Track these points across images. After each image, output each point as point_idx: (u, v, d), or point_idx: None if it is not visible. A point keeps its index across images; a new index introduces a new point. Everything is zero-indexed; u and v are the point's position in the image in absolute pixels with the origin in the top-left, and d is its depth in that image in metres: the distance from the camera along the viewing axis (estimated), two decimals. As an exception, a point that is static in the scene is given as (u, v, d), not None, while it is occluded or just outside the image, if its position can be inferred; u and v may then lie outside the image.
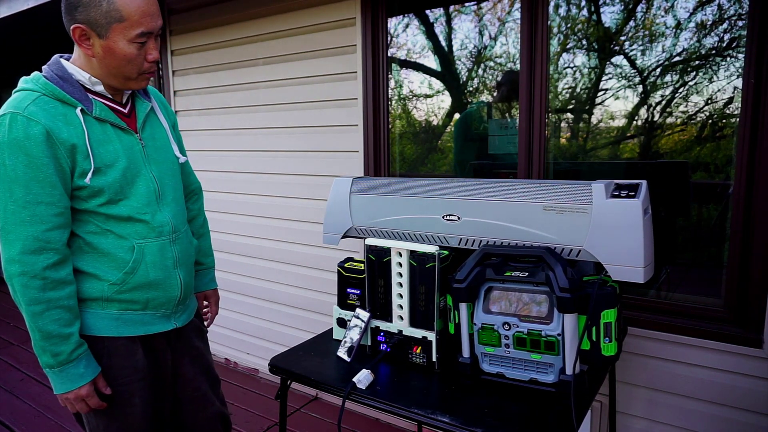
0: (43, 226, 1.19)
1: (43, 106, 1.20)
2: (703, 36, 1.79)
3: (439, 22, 2.38)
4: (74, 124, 1.22)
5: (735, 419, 1.77)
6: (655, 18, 1.86)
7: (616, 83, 1.96)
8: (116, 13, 1.18)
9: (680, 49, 1.83)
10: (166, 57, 3.30)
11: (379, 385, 1.39)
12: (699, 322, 1.82)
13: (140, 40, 1.22)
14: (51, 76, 1.25)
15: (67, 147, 1.20)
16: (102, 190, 1.25)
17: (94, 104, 1.26)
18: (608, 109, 2.00)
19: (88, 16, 1.18)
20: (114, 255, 1.29)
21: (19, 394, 3.03)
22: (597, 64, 2.00)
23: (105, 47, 1.21)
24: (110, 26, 1.19)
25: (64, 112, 1.22)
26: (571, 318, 1.23)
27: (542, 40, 1.98)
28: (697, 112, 1.84)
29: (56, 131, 1.19)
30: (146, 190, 1.32)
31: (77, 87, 1.25)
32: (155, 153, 1.37)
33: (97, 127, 1.26)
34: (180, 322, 1.45)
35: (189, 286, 1.45)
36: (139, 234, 1.31)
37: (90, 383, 1.24)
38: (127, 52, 1.22)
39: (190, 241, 1.46)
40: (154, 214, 1.33)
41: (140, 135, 1.34)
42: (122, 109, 1.33)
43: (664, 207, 1.90)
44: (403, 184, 1.66)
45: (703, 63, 1.80)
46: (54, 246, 1.20)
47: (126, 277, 1.30)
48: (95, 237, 1.28)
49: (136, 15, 1.19)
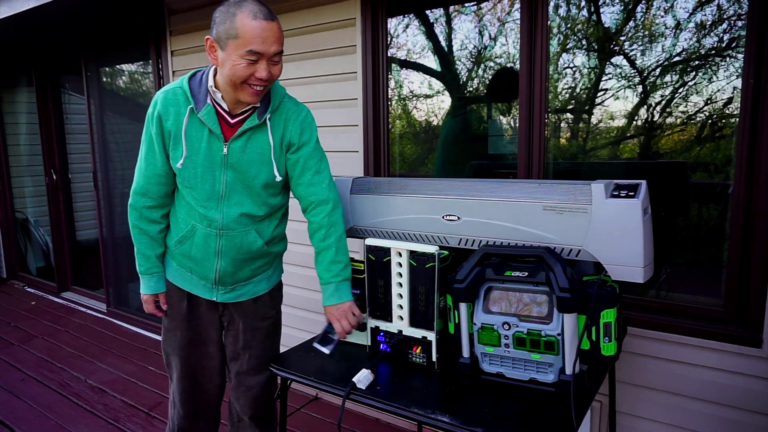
0: (147, 179, 1.60)
1: (170, 96, 1.53)
2: (702, 36, 1.79)
3: (439, 23, 2.38)
4: (180, 117, 1.52)
5: (735, 419, 1.77)
6: (655, 18, 1.86)
7: (615, 83, 1.96)
8: (233, 31, 1.39)
9: (680, 49, 1.83)
10: (166, 57, 3.30)
11: (379, 385, 1.39)
12: (699, 322, 1.82)
13: (249, 57, 1.40)
14: (196, 76, 1.56)
15: (167, 131, 1.54)
16: (179, 172, 1.56)
17: (205, 107, 1.51)
18: (608, 109, 2.00)
19: (216, 31, 1.43)
20: (180, 222, 1.63)
21: (19, 394, 3.03)
22: (597, 64, 2.00)
23: (223, 58, 1.43)
24: (228, 41, 1.41)
25: (180, 105, 1.52)
26: (570, 318, 1.23)
27: (542, 41, 1.99)
28: (696, 112, 1.84)
29: (165, 117, 1.53)
30: (211, 188, 1.56)
31: (204, 91, 1.52)
32: (238, 162, 1.55)
33: (196, 124, 1.53)
34: (222, 299, 1.69)
35: (230, 274, 1.66)
36: (196, 218, 1.60)
37: (152, 295, 1.68)
38: (235, 64, 1.41)
39: (246, 241, 1.62)
40: (210, 209, 1.57)
41: (228, 144, 1.54)
42: (230, 119, 1.55)
43: (664, 207, 1.90)
44: (403, 184, 1.66)
45: (702, 63, 1.80)
46: (152, 195, 1.61)
47: (179, 242, 1.64)
48: (179, 204, 1.64)
49: (248, 35, 1.38)
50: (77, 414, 2.81)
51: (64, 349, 3.70)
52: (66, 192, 4.84)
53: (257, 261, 1.68)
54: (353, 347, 1.67)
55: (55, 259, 4.91)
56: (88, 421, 2.74)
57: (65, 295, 4.90)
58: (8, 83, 5.30)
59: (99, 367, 3.40)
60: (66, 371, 3.34)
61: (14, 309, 4.63)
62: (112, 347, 3.72)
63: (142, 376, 3.25)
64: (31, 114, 5.01)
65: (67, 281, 4.96)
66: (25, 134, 5.38)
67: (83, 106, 4.21)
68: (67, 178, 4.84)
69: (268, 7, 1.43)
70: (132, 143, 4.02)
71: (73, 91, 4.83)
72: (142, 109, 3.88)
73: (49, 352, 3.66)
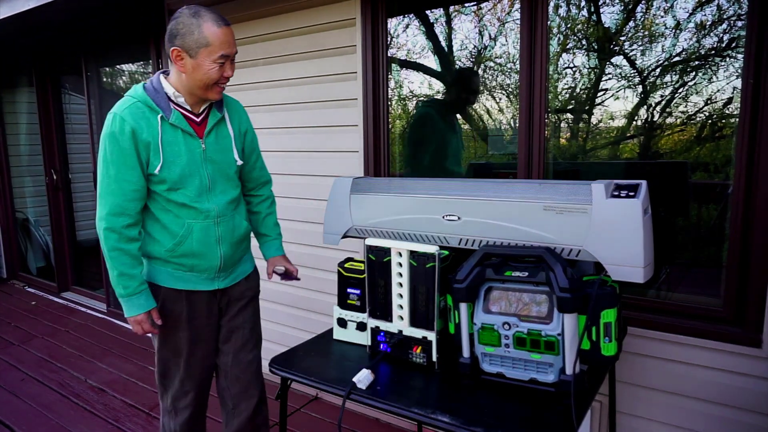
0: (124, 198, 1.59)
1: (134, 110, 1.58)
2: (702, 36, 1.79)
3: (439, 23, 2.38)
4: (153, 127, 1.59)
5: (734, 419, 1.77)
6: (655, 18, 1.86)
7: (615, 83, 1.96)
8: (204, 40, 1.54)
9: (680, 49, 1.83)
10: (166, 57, 3.30)
11: (379, 385, 1.39)
12: (699, 322, 1.82)
13: (220, 61, 1.58)
14: (148, 87, 1.64)
15: (145, 143, 1.58)
16: (165, 179, 1.61)
17: (172, 113, 1.62)
18: (608, 110, 2.01)
19: (183, 42, 1.55)
20: (170, 228, 1.67)
21: (19, 394, 3.04)
22: (597, 64, 2.01)
23: (194, 65, 1.57)
24: (199, 50, 1.55)
25: (148, 116, 1.59)
26: (571, 318, 1.23)
27: (542, 41, 1.99)
28: (696, 112, 1.84)
29: (138, 131, 1.57)
30: (199, 183, 1.67)
31: (164, 98, 1.62)
32: (214, 155, 1.71)
33: (170, 130, 1.62)
34: (223, 285, 1.80)
35: (230, 257, 1.78)
36: (190, 216, 1.67)
37: (146, 313, 1.65)
38: (209, 69, 1.57)
39: (236, 224, 1.78)
40: (203, 203, 1.68)
41: (204, 140, 1.68)
42: (195, 118, 1.68)
43: (664, 207, 1.91)
44: (403, 184, 1.66)
45: (702, 63, 1.80)
46: (129, 213, 1.61)
47: (175, 246, 1.68)
48: (159, 212, 1.66)
49: (217, 42, 1.55)
50: (77, 414, 2.81)
51: (64, 349, 3.70)
52: (66, 192, 4.84)
53: (244, 242, 1.86)
54: (353, 347, 1.67)
55: (55, 259, 4.91)
56: (88, 421, 2.74)
57: (65, 295, 4.90)
58: (8, 83, 5.30)
59: (99, 367, 3.40)
60: (66, 371, 3.34)
61: (14, 309, 4.63)
62: (112, 347, 3.72)
63: (142, 376, 3.25)
64: (32, 114, 5.01)
65: (68, 281, 4.96)
66: (26, 134, 5.38)
67: (83, 106, 4.22)
68: (67, 178, 4.84)
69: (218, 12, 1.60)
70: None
71: (73, 91, 4.83)
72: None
73: (49, 352, 3.66)
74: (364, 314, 1.66)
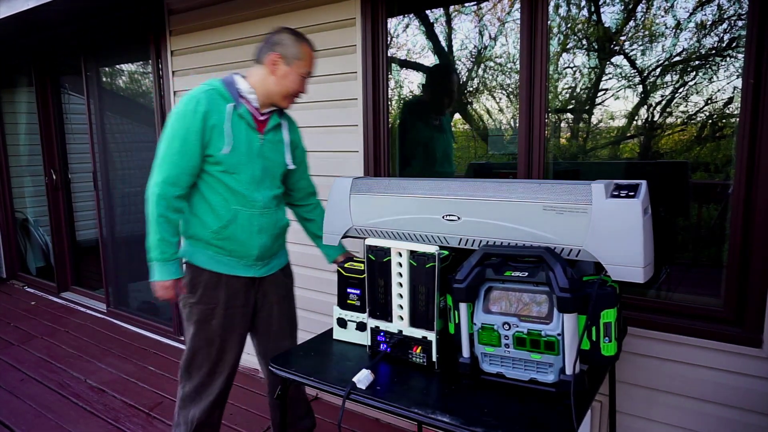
0: (180, 170, 1.74)
1: (210, 96, 1.76)
2: (702, 36, 1.79)
3: (439, 23, 2.38)
4: (222, 113, 1.76)
5: (735, 419, 1.77)
6: (655, 18, 1.86)
7: (616, 83, 1.96)
8: (301, 55, 1.82)
9: (680, 49, 1.83)
10: (166, 57, 3.30)
11: (379, 385, 1.39)
12: (699, 322, 1.82)
13: (304, 76, 1.85)
14: (224, 80, 1.82)
15: (211, 126, 1.74)
16: (222, 161, 1.76)
17: (241, 105, 1.80)
18: (608, 109, 2.00)
19: (284, 51, 1.80)
20: (217, 211, 1.80)
21: (19, 394, 3.03)
22: (597, 64, 2.00)
23: (286, 72, 1.81)
24: (294, 61, 1.81)
25: (220, 103, 1.76)
26: (570, 318, 1.23)
27: (542, 40, 1.98)
28: (697, 112, 1.84)
29: (209, 114, 1.73)
30: (251, 173, 1.82)
31: (235, 92, 1.80)
32: (268, 152, 1.87)
33: (236, 119, 1.79)
34: (259, 274, 1.93)
35: (268, 248, 1.92)
36: (238, 202, 1.81)
37: (175, 280, 1.78)
38: (295, 80, 1.83)
39: (278, 218, 1.94)
40: (252, 192, 1.82)
41: (263, 136, 1.85)
42: (259, 116, 1.85)
43: (664, 207, 1.90)
44: (403, 184, 1.66)
45: (702, 63, 1.80)
46: (181, 185, 1.75)
47: (221, 229, 1.81)
48: (210, 194, 1.80)
49: (308, 60, 1.84)
50: (77, 414, 2.81)
51: (64, 349, 3.70)
52: (66, 192, 4.83)
53: (282, 236, 2.00)
54: (353, 347, 1.67)
55: (54, 259, 4.91)
56: (88, 421, 2.74)
57: (65, 295, 4.90)
58: (8, 83, 5.30)
59: (99, 367, 3.40)
60: (66, 371, 3.34)
61: (14, 309, 4.62)
62: (112, 347, 3.72)
63: (142, 376, 3.25)
64: (31, 114, 5.01)
65: (67, 281, 4.96)
66: (25, 134, 5.38)
67: (83, 106, 4.21)
68: (67, 178, 4.84)
69: None
70: (132, 143, 4.02)
71: (73, 91, 4.83)
72: (142, 109, 3.88)
73: (49, 352, 3.66)
74: (364, 314, 1.66)
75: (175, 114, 1.75)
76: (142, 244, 4.39)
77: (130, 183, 4.09)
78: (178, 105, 1.77)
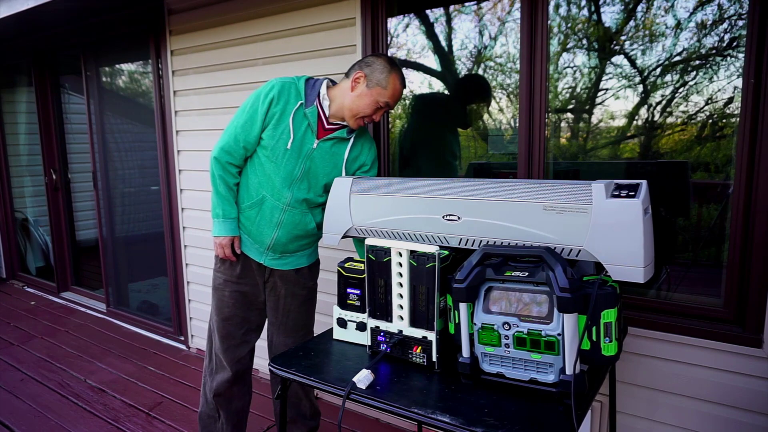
0: (236, 143, 1.90)
1: (286, 87, 1.87)
2: (703, 36, 1.79)
3: (439, 22, 2.37)
4: (290, 107, 1.87)
5: (735, 419, 1.77)
6: (655, 18, 1.86)
7: (616, 83, 1.96)
8: (384, 83, 1.84)
9: (680, 48, 1.83)
10: (166, 57, 3.30)
11: (379, 385, 1.39)
12: (699, 322, 1.82)
13: (379, 105, 1.86)
14: (308, 81, 1.92)
15: (272, 113, 1.86)
16: (269, 147, 1.88)
17: (311, 107, 1.88)
18: (608, 109, 2.00)
19: (371, 73, 1.85)
20: (251, 189, 1.95)
21: (18, 394, 3.03)
22: (597, 63, 2.00)
23: (363, 93, 1.85)
24: (376, 85, 1.84)
25: (292, 97, 1.87)
26: (571, 318, 1.23)
27: (542, 40, 1.98)
28: (697, 111, 1.84)
29: (275, 102, 1.85)
30: (291, 169, 1.90)
31: (314, 94, 1.89)
32: (318, 159, 1.92)
33: (300, 117, 1.88)
34: (269, 264, 2.03)
35: (282, 244, 1.99)
36: (269, 190, 1.92)
37: (230, 237, 1.96)
38: (368, 104, 1.85)
39: (302, 220, 1.98)
40: (284, 187, 1.91)
41: (319, 142, 1.91)
42: (326, 124, 1.91)
43: (664, 207, 1.90)
44: (403, 184, 1.66)
45: (703, 63, 1.80)
46: (235, 155, 1.92)
47: (248, 207, 1.96)
48: (252, 172, 1.94)
49: (390, 92, 1.85)
50: (77, 414, 2.81)
51: (64, 349, 3.70)
52: (66, 192, 4.83)
53: (305, 239, 2.04)
54: (353, 347, 1.67)
55: (54, 259, 4.91)
56: (88, 421, 2.74)
57: (65, 295, 4.90)
58: (8, 83, 5.30)
59: (99, 367, 3.40)
60: (66, 371, 3.34)
61: (14, 309, 4.63)
62: (111, 347, 3.72)
63: (142, 376, 3.25)
64: (31, 114, 5.01)
65: (67, 281, 4.96)
66: (25, 134, 5.38)
67: (83, 106, 4.21)
68: (66, 178, 4.84)
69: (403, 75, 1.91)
70: (132, 143, 4.02)
71: (73, 91, 4.82)
72: (142, 108, 3.88)
73: (49, 352, 3.66)
74: (364, 314, 1.65)
75: (253, 94, 1.91)
76: (141, 243, 4.39)
77: (130, 183, 4.09)
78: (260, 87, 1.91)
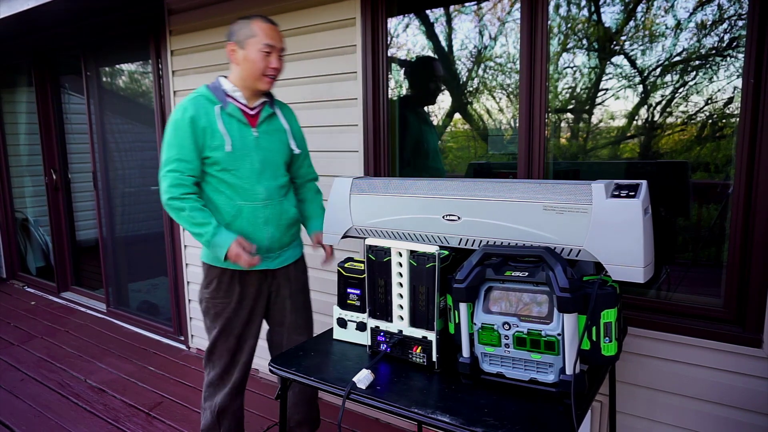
0: (181, 174, 1.81)
1: (196, 102, 1.84)
2: (703, 36, 1.79)
3: (439, 23, 2.38)
4: (210, 115, 1.83)
5: (735, 419, 1.77)
6: (655, 18, 1.86)
7: (616, 83, 1.96)
8: (251, 32, 1.83)
9: (680, 49, 1.83)
10: (166, 57, 3.30)
11: (379, 385, 1.39)
12: (699, 322, 1.82)
13: (265, 50, 1.83)
14: (209, 85, 1.90)
15: (202, 129, 1.81)
16: (218, 161, 1.83)
17: (228, 104, 1.86)
18: (608, 109, 2.00)
19: (237, 36, 1.85)
20: (222, 209, 1.87)
21: (18, 394, 3.03)
22: (597, 64, 2.00)
23: (244, 55, 1.84)
24: (247, 41, 1.83)
25: (207, 107, 1.84)
26: (571, 318, 1.23)
27: (542, 40, 1.98)
28: (697, 112, 1.84)
29: (197, 118, 1.81)
30: (250, 167, 1.87)
31: (221, 93, 1.88)
32: (265, 143, 1.92)
33: (226, 119, 1.85)
34: (272, 266, 1.99)
35: (277, 240, 1.97)
36: (241, 197, 1.87)
37: (235, 242, 1.80)
38: (256, 59, 1.83)
39: (284, 209, 1.97)
40: (253, 185, 1.88)
41: (256, 129, 1.90)
42: (249, 111, 1.91)
43: (664, 207, 1.90)
44: (403, 184, 1.66)
45: (703, 63, 1.80)
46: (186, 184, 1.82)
47: (230, 221, 1.87)
48: (213, 194, 1.88)
49: (262, 33, 1.83)
50: (77, 414, 2.81)
51: (64, 349, 3.70)
52: (66, 192, 4.83)
53: (293, 226, 2.04)
54: (353, 347, 1.67)
55: (54, 259, 4.91)
56: (88, 421, 2.74)
57: (65, 295, 4.90)
58: (8, 83, 5.30)
59: (99, 367, 3.40)
60: (66, 371, 3.34)
61: (14, 309, 4.63)
62: (112, 347, 3.72)
63: (142, 376, 3.25)
64: (31, 114, 5.01)
65: (67, 281, 4.96)
66: (25, 134, 5.38)
67: (83, 106, 4.21)
68: (67, 178, 4.84)
69: None
70: (132, 143, 4.02)
71: (73, 91, 4.82)
72: (142, 108, 3.88)
73: (49, 352, 3.66)
74: (364, 314, 1.66)
75: (168, 124, 1.85)
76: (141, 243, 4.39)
77: (130, 183, 4.09)
78: (170, 116, 1.85)
